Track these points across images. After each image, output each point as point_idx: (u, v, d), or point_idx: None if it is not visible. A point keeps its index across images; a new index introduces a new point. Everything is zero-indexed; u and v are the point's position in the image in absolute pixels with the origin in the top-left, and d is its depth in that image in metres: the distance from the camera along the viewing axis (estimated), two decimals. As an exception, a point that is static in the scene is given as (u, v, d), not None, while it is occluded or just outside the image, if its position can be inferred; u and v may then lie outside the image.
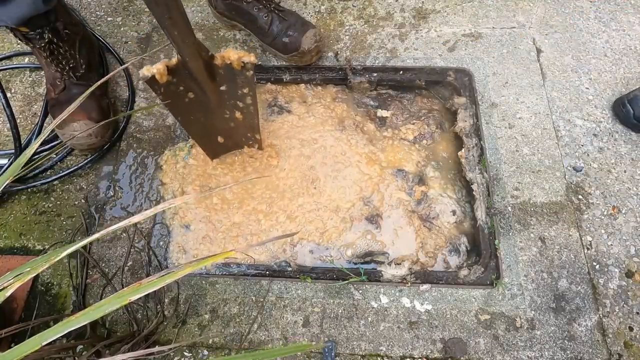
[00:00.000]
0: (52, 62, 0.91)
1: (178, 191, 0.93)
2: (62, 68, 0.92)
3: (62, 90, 0.93)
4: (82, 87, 0.95)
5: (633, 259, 0.82)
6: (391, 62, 1.06)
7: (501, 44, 1.07)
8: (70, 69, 0.93)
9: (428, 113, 1.03)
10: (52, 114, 0.96)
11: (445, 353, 0.76)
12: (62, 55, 0.91)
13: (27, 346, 0.38)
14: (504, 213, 0.87)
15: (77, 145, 0.92)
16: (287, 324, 0.79)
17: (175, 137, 0.99)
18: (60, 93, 0.93)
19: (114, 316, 0.81)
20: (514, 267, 0.82)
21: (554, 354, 0.75)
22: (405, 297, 0.81)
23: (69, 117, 0.92)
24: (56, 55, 0.90)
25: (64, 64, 0.92)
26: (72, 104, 0.92)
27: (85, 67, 0.96)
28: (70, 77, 0.93)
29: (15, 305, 0.82)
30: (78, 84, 0.94)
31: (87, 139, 0.91)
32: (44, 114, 1.00)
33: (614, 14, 1.11)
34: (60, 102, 0.94)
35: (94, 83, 0.96)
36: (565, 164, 0.92)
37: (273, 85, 1.06)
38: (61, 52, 0.91)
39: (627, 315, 0.78)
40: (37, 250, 0.88)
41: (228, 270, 0.86)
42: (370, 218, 0.90)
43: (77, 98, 0.92)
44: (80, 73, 0.95)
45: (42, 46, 0.87)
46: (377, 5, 1.15)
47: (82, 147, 0.93)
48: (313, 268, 0.85)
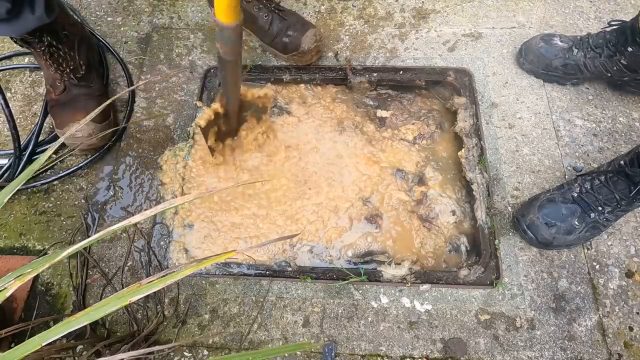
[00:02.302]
0: (52, 64, 0.90)
1: (178, 191, 0.93)
2: (62, 70, 0.92)
3: (63, 92, 0.93)
4: (82, 88, 0.95)
5: (633, 259, 0.83)
6: (391, 62, 1.06)
7: (501, 44, 1.07)
8: (71, 70, 0.93)
9: (428, 113, 1.03)
10: (52, 115, 0.96)
11: (445, 353, 0.76)
12: (62, 57, 0.91)
13: (27, 346, 0.38)
14: (504, 213, 0.87)
15: (77, 145, 0.92)
16: (287, 324, 0.79)
17: (175, 137, 0.99)
18: (60, 94, 0.93)
19: (114, 316, 0.81)
20: (514, 267, 0.82)
21: (554, 354, 0.75)
22: (405, 297, 0.81)
23: (70, 117, 0.92)
24: (56, 57, 0.90)
25: (64, 65, 0.92)
26: (72, 105, 0.92)
27: (85, 67, 0.96)
28: (70, 78, 0.93)
29: (15, 305, 0.82)
30: (78, 85, 0.94)
31: (87, 139, 0.92)
32: (44, 114, 1.00)
33: (613, 14, 1.11)
34: (60, 103, 0.94)
35: (94, 84, 0.98)
36: (565, 164, 0.92)
37: (273, 86, 1.06)
38: (60, 55, 0.90)
39: (627, 315, 0.78)
40: (37, 250, 0.88)
41: (228, 270, 0.86)
42: (370, 218, 0.90)
43: (78, 99, 0.93)
44: (81, 74, 0.95)
45: (42, 49, 0.87)
46: (377, 5, 1.15)
47: (83, 147, 0.93)
48: (313, 268, 0.85)
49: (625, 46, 0.81)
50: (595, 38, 0.87)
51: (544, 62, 0.92)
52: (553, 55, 0.90)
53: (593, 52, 0.86)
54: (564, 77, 0.91)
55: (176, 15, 1.17)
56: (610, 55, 0.84)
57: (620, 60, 0.83)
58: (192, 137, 0.99)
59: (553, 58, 0.90)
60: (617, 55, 0.84)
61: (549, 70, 0.91)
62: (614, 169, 0.77)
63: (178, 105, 1.03)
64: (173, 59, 1.10)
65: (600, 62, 0.86)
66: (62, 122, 0.93)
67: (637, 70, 0.84)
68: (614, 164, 0.78)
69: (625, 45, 0.81)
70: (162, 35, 1.13)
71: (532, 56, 0.92)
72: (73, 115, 0.92)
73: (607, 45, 0.84)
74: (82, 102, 0.94)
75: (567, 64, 0.89)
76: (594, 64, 0.86)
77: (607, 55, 0.85)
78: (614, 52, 0.84)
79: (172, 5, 1.19)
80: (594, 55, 0.86)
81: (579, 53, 0.88)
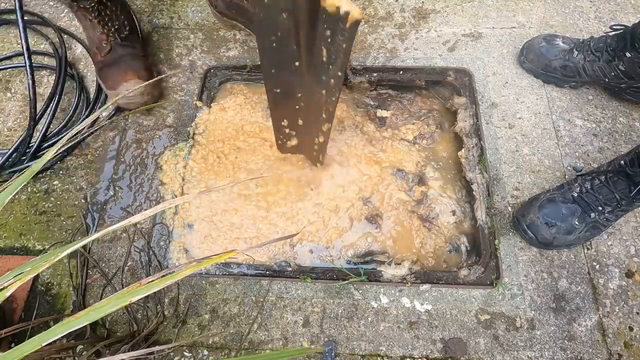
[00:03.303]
0: (99, 23, 0.93)
1: (178, 191, 0.93)
2: (108, 29, 0.94)
3: (109, 52, 0.96)
4: (127, 48, 0.98)
5: (633, 259, 0.82)
6: (391, 62, 1.06)
7: (501, 44, 1.07)
8: (115, 30, 0.96)
9: (428, 113, 1.03)
10: (102, 78, 0.98)
11: (445, 353, 0.76)
12: (108, 16, 0.94)
13: (27, 346, 0.38)
14: (504, 213, 0.87)
15: (131, 104, 0.97)
16: (287, 324, 0.79)
17: (175, 137, 0.99)
18: (106, 55, 0.96)
19: (114, 316, 0.81)
20: (514, 267, 0.82)
21: (554, 354, 0.75)
22: (405, 297, 0.81)
23: (120, 78, 0.95)
24: (103, 16, 0.93)
25: (110, 24, 0.94)
26: (120, 65, 0.96)
27: (129, 28, 0.99)
28: (115, 38, 0.96)
29: (15, 305, 0.82)
30: (123, 45, 0.97)
31: (140, 98, 0.96)
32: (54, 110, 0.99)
33: (614, 14, 1.11)
34: (107, 64, 0.97)
35: (137, 45, 1.02)
36: (565, 164, 0.92)
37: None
38: (107, 13, 0.93)
39: (627, 315, 0.78)
40: (37, 250, 0.88)
41: (228, 270, 0.86)
42: (370, 218, 0.90)
43: (124, 59, 0.97)
44: (124, 34, 0.98)
45: (92, 6, 0.90)
46: (377, 5, 1.15)
47: (135, 106, 0.97)
48: (313, 268, 0.85)
49: (624, 51, 0.81)
50: (596, 42, 0.87)
51: (543, 62, 0.92)
52: (553, 56, 0.90)
53: (593, 55, 0.86)
54: (563, 79, 0.91)
55: (176, 15, 1.17)
56: (609, 60, 0.84)
57: (619, 65, 0.83)
58: (192, 137, 0.99)
59: (553, 58, 0.90)
60: (615, 61, 0.83)
61: (548, 70, 0.91)
62: (614, 168, 0.77)
63: (178, 105, 1.03)
64: (173, 58, 1.10)
65: (599, 67, 0.85)
66: (114, 82, 0.95)
67: (634, 78, 0.84)
68: (614, 164, 0.78)
69: (624, 51, 0.81)
70: (162, 35, 1.13)
71: (533, 55, 0.92)
72: (124, 75, 0.95)
73: (606, 50, 0.84)
74: (129, 62, 0.97)
75: (566, 66, 0.89)
76: (592, 67, 0.86)
77: (605, 59, 0.84)
78: (612, 57, 0.83)
79: (172, 5, 1.19)
80: (593, 59, 0.86)
81: (579, 55, 0.87)
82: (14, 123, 1.03)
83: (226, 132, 1.00)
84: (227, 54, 1.10)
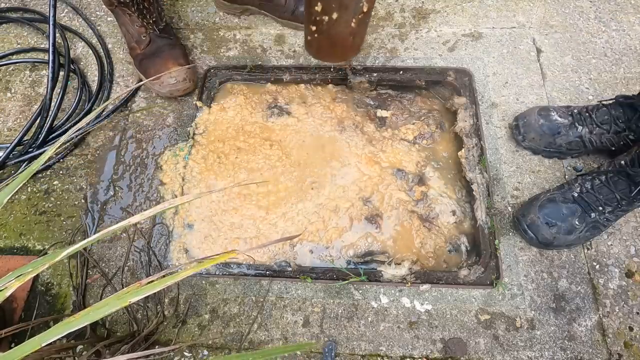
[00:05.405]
0: (138, 16, 0.96)
1: (178, 191, 0.93)
2: (147, 22, 0.97)
3: (148, 44, 0.99)
4: (164, 39, 1.00)
5: (633, 259, 0.83)
6: (391, 62, 1.06)
7: (501, 44, 1.07)
8: (153, 22, 0.98)
9: (428, 113, 1.03)
10: (141, 69, 1.01)
11: (445, 353, 0.76)
12: (147, 9, 0.96)
13: (27, 346, 0.38)
14: (504, 213, 0.87)
15: (175, 91, 0.99)
16: (287, 324, 0.79)
17: (175, 137, 0.99)
18: (146, 47, 0.99)
19: (113, 316, 0.81)
20: (514, 267, 0.82)
21: (554, 354, 0.75)
22: (405, 297, 0.81)
23: (162, 67, 0.98)
24: (141, 9, 0.95)
25: (148, 17, 0.97)
26: (160, 55, 0.99)
27: (165, 20, 1.02)
28: (153, 30, 0.99)
29: (15, 305, 0.82)
30: (161, 36, 1.00)
31: (183, 84, 0.98)
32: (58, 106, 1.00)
33: (614, 14, 1.11)
34: (147, 56, 0.99)
35: (172, 35, 1.04)
36: (566, 164, 0.92)
37: (273, 86, 1.06)
38: (145, 6, 0.96)
39: (627, 315, 0.78)
40: (37, 250, 0.88)
41: (228, 270, 0.86)
42: (370, 218, 0.90)
43: (163, 49, 1.00)
44: (162, 26, 1.01)
45: (131, 1, 0.93)
46: (377, 5, 1.15)
47: (179, 92, 1.00)
48: (313, 268, 0.85)
49: (637, 123, 0.80)
50: (598, 114, 0.85)
51: (546, 141, 0.88)
52: (556, 133, 0.87)
53: (599, 128, 0.84)
54: (566, 152, 0.89)
55: (176, 15, 1.17)
56: (618, 132, 0.83)
57: (629, 135, 0.82)
58: (192, 137, 0.99)
59: (556, 136, 0.87)
60: (625, 132, 0.83)
61: (552, 147, 0.89)
62: (614, 168, 0.77)
63: (178, 105, 1.03)
64: (173, 59, 1.09)
65: (607, 138, 0.84)
66: (157, 72, 0.98)
67: None
68: (614, 164, 0.78)
69: (638, 123, 0.80)
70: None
71: (534, 134, 0.88)
72: (166, 64, 0.98)
73: (615, 122, 0.83)
74: (169, 52, 1.00)
75: (571, 142, 0.87)
76: (600, 140, 0.85)
77: (614, 131, 0.83)
78: (622, 128, 0.83)
79: (172, 5, 1.19)
80: (600, 132, 0.84)
81: (583, 129, 0.85)
82: (14, 123, 1.03)
83: (226, 132, 1.00)
84: (227, 54, 1.10)
